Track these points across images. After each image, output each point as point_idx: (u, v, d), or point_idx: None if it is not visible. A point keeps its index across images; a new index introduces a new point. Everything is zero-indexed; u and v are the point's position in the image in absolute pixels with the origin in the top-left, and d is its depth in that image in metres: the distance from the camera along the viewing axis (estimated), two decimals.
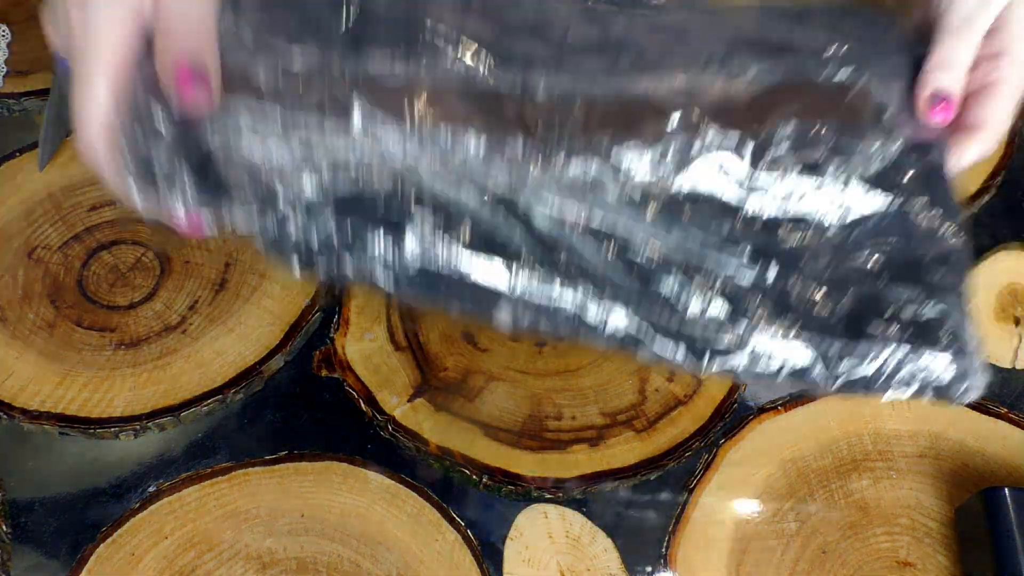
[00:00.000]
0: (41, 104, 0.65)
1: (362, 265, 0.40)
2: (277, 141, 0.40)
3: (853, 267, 0.46)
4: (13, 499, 0.51)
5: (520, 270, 0.43)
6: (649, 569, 0.50)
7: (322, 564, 0.49)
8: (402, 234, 0.41)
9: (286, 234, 0.40)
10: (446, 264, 0.41)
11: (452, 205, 0.42)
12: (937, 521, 0.51)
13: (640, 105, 0.47)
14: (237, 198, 0.40)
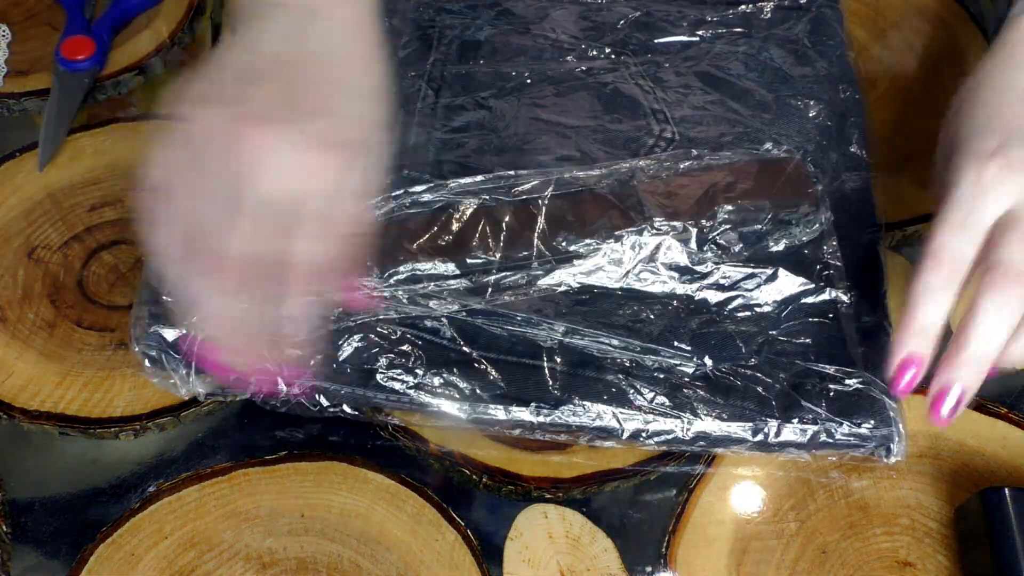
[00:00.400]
0: (41, 104, 0.65)
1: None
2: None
3: (783, 348, 0.51)
4: (13, 499, 0.51)
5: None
6: (649, 569, 0.50)
7: (322, 564, 0.49)
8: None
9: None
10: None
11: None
12: (937, 521, 0.51)
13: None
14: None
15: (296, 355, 0.47)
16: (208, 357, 0.46)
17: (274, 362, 0.46)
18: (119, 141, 0.64)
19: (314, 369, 0.48)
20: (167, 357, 0.48)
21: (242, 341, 0.43)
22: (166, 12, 0.70)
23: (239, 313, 0.41)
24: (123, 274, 0.58)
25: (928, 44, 0.70)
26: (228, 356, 0.44)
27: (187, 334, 0.48)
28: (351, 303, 0.49)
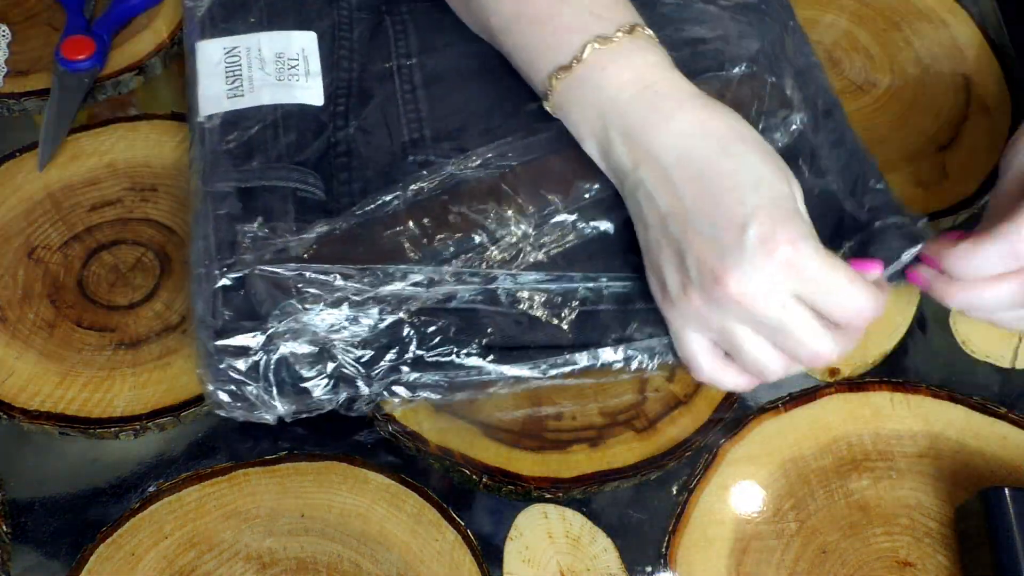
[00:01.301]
0: (41, 104, 0.65)
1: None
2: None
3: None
4: (13, 499, 0.51)
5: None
6: (649, 569, 0.50)
7: (322, 564, 0.49)
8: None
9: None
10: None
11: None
12: (937, 521, 0.51)
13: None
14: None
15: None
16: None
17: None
18: (119, 141, 0.64)
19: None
20: (245, 388, 0.48)
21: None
22: (166, 12, 0.70)
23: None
24: (123, 274, 0.58)
25: (928, 44, 0.70)
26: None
27: (260, 359, 0.48)
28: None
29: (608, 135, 0.48)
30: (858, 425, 0.54)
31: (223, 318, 0.48)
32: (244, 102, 0.55)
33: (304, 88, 0.56)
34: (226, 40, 0.58)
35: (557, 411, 0.54)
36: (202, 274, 0.49)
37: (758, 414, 0.54)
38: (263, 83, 0.56)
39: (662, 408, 0.54)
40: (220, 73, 0.57)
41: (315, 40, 0.58)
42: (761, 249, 0.43)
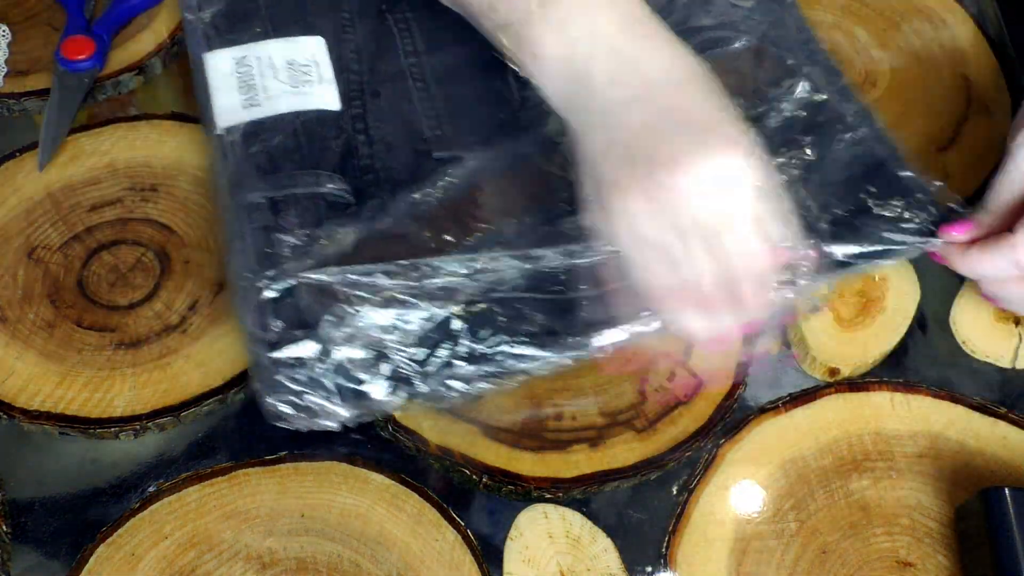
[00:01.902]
0: (41, 104, 0.65)
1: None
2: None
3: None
4: (13, 499, 0.51)
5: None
6: (649, 569, 0.50)
7: (322, 564, 0.49)
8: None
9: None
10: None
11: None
12: (937, 521, 0.51)
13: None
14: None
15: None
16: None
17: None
18: (119, 141, 0.64)
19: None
20: (306, 398, 0.47)
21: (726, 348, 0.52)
22: (166, 12, 0.70)
23: (722, 327, 0.48)
24: (123, 274, 0.58)
25: (928, 44, 0.70)
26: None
27: (317, 367, 0.47)
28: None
29: (586, 54, 0.48)
30: (858, 425, 0.54)
31: (274, 330, 0.47)
32: (262, 111, 0.55)
33: (320, 94, 0.56)
34: (235, 50, 0.58)
35: (557, 411, 0.54)
36: (246, 288, 0.49)
37: (758, 414, 0.54)
38: (278, 91, 0.56)
39: (662, 408, 0.54)
40: (233, 84, 0.57)
41: (324, 45, 0.59)
42: (723, 155, 0.44)
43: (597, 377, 0.55)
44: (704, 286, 0.46)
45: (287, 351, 0.47)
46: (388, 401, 0.48)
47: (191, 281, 0.58)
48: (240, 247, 0.51)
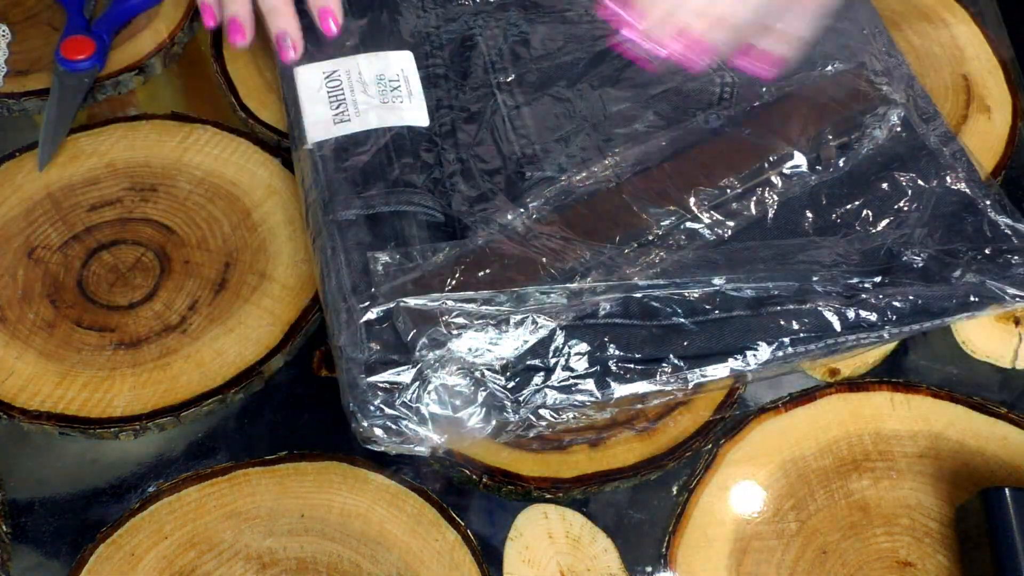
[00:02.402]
0: (41, 104, 0.65)
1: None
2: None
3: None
4: (13, 499, 0.51)
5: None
6: (649, 569, 0.50)
7: (322, 564, 0.49)
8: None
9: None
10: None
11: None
12: (937, 521, 0.51)
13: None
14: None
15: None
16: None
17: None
18: (119, 141, 0.64)
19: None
20: (400, 422, 0.47)
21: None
22: (166, 12, 0.70)
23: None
24: (123, 274, 0.58)
25: (928, 44, 0.70)
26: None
27: (413, 393, 0.47)
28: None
29: None
30: (858, 425, 0.54)
31: (371, 352, 0.48)
32: (352, 127, 0.55)
33: (409, 109, 0.57)
34: (324, 64, 0.58)
35: None
36: (345, 310, 0.49)
37: (758, 414, 0.54)
38: (368, 106, 0.56)
39: (662, 408, 0.54)
40: (323, 98, 0.57)
41: (412, 59, 0.59)
42: None
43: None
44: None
45: (384, 375, 0.47)
46: (481, 427, 0.48)
47: (191, 281, 0.58)
48: (335, 266, 0.51)
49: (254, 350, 0.55)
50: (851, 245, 0.54)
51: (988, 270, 0.53)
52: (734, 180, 0.53)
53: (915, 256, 0.53)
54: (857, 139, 0.56)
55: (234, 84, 0.66)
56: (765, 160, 0.54)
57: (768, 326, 0.51)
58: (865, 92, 0.57)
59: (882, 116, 0.56)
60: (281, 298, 0.57)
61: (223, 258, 0.59)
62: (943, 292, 0.52)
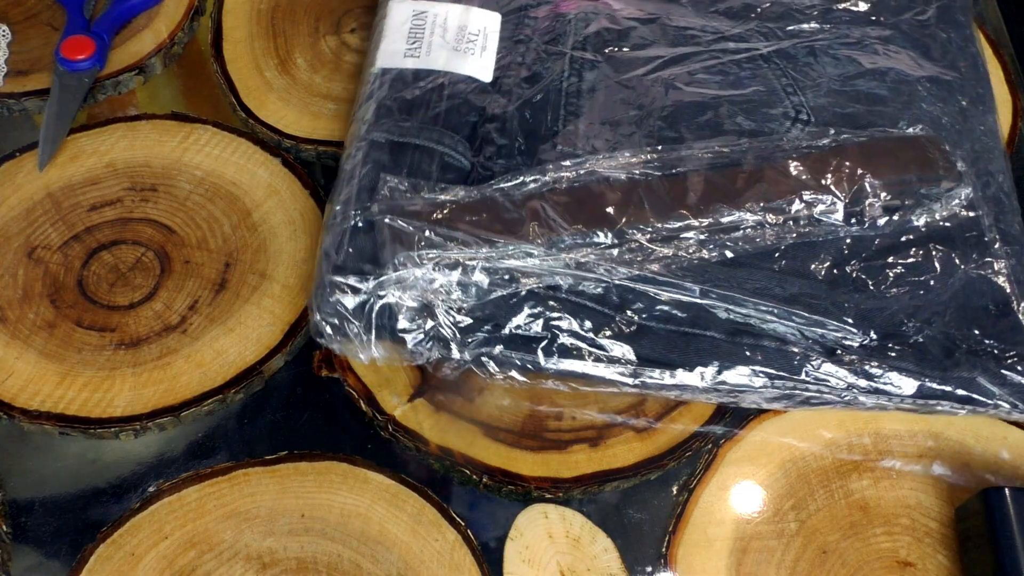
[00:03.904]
0: (41, 104, 0.65)
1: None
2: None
3: (950, 322, 0.52)
4: (13, 499, 0.51)
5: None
6: (649, 569, 0.50)
7: (322, 564, 0.49)
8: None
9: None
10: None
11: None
12: (937, 521, 0.51)
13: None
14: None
15: None
16: None
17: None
18: (119, 141, 0.64)
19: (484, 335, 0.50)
20: (348, 324, 0.50)
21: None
22: (166, 12, 0.70)
23: None
24: (123, 274, 0.58)
25: None
26: None
27: (368, 301, 0.50)
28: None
29: None
30: (858, 425, 0.54)
31: (345, 255, 0.50)
32: (418, 63, 0.58)
33: (476, 62, 0.59)
34: (417, 4, 0.61)
35: (557, 411, 0.54)
36: (338, 212, 0.52)
37: (758, 414, 0.54)
38: (440, 48, 0.59)
39: (662, 408, 0.54)
40: (404, 33, 0.59)
41: (499, 21, 0.61)
42: None
43: None
44: None
45: (348, 279, 0.50)
46: (419, 352, 0.50)
47: (191, 281, 0.58)
48: (350, 175, 0.53)
49: (254, 350, 0.55)
50: (850, 297, 0.52)
51: (989, 369, 0.50)
52: (758, 206, 0.52)
53: (916, 329, 0.51)
54: (911, 207, 0.54)
55: (234, 84, 0.66)
56: (799, 197, 0.53)
57: (733, 352, 0.50)
58: (933, 161, 0.54)
59: (945, 192, 0.54)
60: (281, 298, 0.57)
61: (223, 258, 0.59)
62: (931, 374, 0.50)
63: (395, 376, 0.55)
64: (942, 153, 0.55)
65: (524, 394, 0.54)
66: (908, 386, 0.50)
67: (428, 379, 0.55)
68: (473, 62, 0.59)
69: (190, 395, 0.54)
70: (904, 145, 0.55)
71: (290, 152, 0.64)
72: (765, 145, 0.55)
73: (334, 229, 0.51)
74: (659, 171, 0.53)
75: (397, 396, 0.54)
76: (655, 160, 0.54)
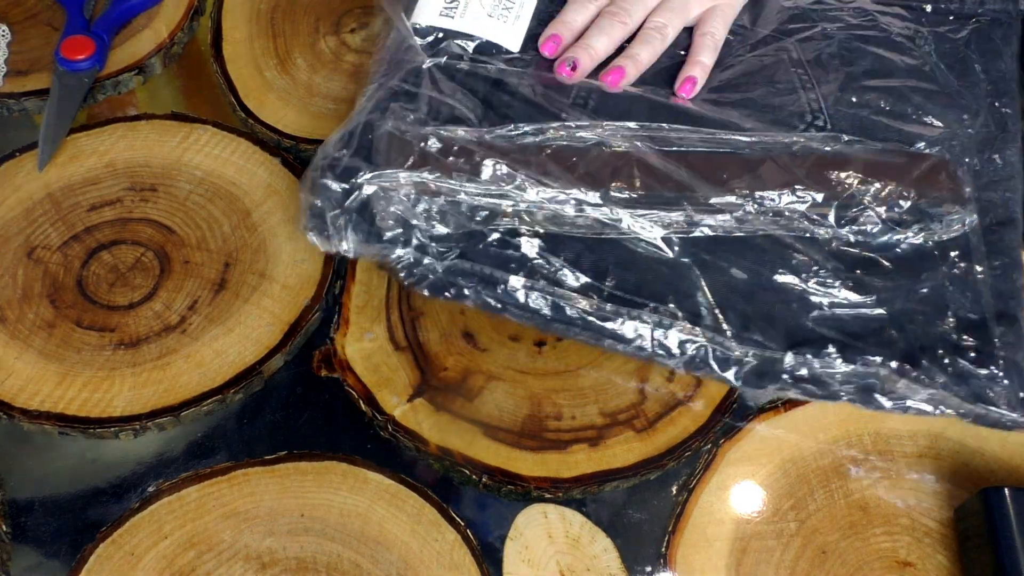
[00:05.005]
0: (41, 104, 0.65)
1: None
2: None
3: (918, 310, 0.52)
4: (13, 499, 0.51)
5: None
6: (649, 569, 0.50)
7: (322, 564, 0.49)
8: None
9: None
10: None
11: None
12: (937, 521, 0.51)
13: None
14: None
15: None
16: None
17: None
18: (119, 141, 0.64)
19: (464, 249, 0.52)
20: (329, 209, 0.51)
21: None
22: (166, 12, 0.70)
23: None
24: (123, 274, 0.58)
25: None
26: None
27: (352, 192, 0.51)
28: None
29: None
30: (858, 425, 0.54)
31: (344, 150, 0.52)
32: (451, 24, 0.59)
33: (507, 31, 0.59)
34: None
35: (557, 411, 0.54)
36: (354, 121, 0.54)
37: (758, 414, 0.54)
38: (476, 14, 0.60)
39: (662, 408, 0.54)
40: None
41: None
42: None
43: (597, 377, 0.55)
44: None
45: (339, 168, 0.51)
46: (392, 247, 0.51)
47: (191, 281, 0.58)
48: (361, 107, 0.55)
49: (254, 350, 0.55)
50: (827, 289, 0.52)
51: (949, 366, 0.50)
52: (748, 193, 0.52)
53: (887, 328, 0.51)
54: (909, 223, 0.53)
55: (234, 84, 0.66)
56: (791, 190, 0.53)
57: (694, 317, 0.50)
58: (941, 183, 0.53)
59: (949, 215, 0.53)
60: (281, 298, 0.57)
61: (223, 258, 0.59)
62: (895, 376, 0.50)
63: (395, 376, 0.55)
64: (952, 176, 0.54)
65: (524, 394, 0.54)
66: (844, 363, 0.50)
67: (428, 379, 0.55)
68: (505, 30, 0.60)
69: (190, 395, 0.54)
70: (915, 162, 0.54)
71: (290, 152, 0.64)
72: (775, 142, 0.55)
73: (348, 125, 0.53)
74: (659, 146, 0.54)
75: (397, 396, 0.54)
76: (659, 137, 0.54)
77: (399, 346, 0.56)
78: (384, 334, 0.56)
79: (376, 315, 0.57)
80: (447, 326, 0.57)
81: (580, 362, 0.56)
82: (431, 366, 0.55)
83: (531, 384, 0.55)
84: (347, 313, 0.57)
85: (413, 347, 0.56)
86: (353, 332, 0.56)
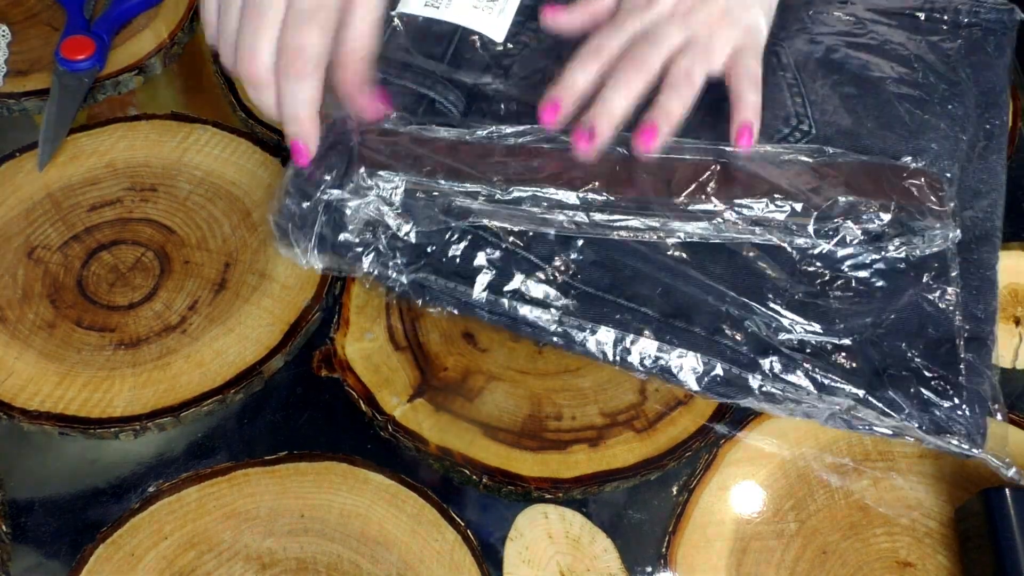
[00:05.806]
0: (41, 104, 0.65)
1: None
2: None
3: (886, 335, 0.51)
4: (13, 499, 0.51)
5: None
6: (649, 569, 0.50)
7: (322, 564, 0.49)
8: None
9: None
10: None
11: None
12: (937, 521, 0.51)
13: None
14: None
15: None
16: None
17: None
18: (119, 141, 0.64)
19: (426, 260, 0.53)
20: (294, 227, 0.52)
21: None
22: (166, 12, 0.70)
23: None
24: (123, 274, 0.58)
25: None
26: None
27: (316, 207, 0.52)
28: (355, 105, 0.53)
29: None
30: None
31: (310, 162, 0.52)
32: (436, 13, 0.59)
33: (492, 22, 0.60)
34: None
35: (557, 411, 0.54)
36: (324, 119, 0.53)
37: (758, 414, 0.54)
38: (461, 5, 0.60)
39: (662, 408, 0.54)
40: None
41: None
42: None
43: (597, 377, 0.55)
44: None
45: (305, 183, 0.52)
46: (358, 267, 0.53)
47: (191, 281, 0.58)
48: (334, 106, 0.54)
49: (254, 350, 0.55)
50: (799, 303, 0.51)
51: (910, 389, 0.50)
52: (726, 200, 0.51)
53: (851, 340, 0.51)
54: (890, 236, 0.52)
55: (234, 84, 0.66)
56: (769, 199, 0.51)
57: (662, 331, 0.51)
58: (924, 197, 0.53)
59: (930, 228, 0.52)
60: (281, 298, 0.57)
61: (223, 258, 0.59)
62: (854, 382, 0.49)
63: (395, 376, 0.55)
64: (936, 191, 0.53)
65: (524, 394, 0.54)
66: (813, 387, 0.49)
67: (428, 379, 0.55)
68: (489, 21, 0.59)
69: (190, 395, 0.54)
70: (898, 175, 0.54)
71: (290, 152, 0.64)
72: (755, 150, 0.54)
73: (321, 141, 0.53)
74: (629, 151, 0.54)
75: (397, 396, 0.54)
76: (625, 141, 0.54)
77: (399, 346, 0.56)
78: (384, 334, 0.56)
79: (376, 315, 0.57)
80: (447, 326, 0.57)
81: (580, 362, 0.56)
82: (431, 366, 0.55)
83: (531, 384, 0.55)
84: (347, 313, 0.57)
85: (413, 347, 0.56)
86: (353, 332, 0.56)
